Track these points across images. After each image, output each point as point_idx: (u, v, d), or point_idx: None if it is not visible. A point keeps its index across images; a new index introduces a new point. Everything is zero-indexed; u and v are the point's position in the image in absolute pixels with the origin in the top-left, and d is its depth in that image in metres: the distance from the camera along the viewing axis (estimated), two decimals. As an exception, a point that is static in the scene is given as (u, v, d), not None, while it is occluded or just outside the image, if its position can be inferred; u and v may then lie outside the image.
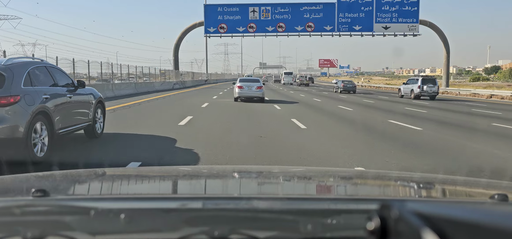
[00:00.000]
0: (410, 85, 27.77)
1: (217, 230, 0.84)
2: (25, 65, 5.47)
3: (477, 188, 1.57)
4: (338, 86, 37.18)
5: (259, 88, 19.62)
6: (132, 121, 11.41)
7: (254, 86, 19.60)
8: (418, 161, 6.54)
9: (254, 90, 19.43)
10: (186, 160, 5.92)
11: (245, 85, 19.62)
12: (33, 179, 1.53)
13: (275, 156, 6.49)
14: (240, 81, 20.38)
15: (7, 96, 4.81)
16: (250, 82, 20.22)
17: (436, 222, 0.62)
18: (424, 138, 9.19)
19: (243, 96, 19.33)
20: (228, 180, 1.69)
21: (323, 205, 1.07)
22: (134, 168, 4.11)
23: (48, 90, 5.71)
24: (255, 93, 19.43)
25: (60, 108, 5.93)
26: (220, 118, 12.40)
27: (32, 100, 5.17)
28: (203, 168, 2.93)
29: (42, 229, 0.83)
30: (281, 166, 5.56)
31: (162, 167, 4.73)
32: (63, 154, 6.03)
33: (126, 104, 16.77)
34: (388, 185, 1.68)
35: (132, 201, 1.10)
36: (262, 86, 19.97)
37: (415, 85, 26.91)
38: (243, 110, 14.95)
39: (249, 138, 8.32)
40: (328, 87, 53.16)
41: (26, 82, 5.23)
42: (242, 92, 19.36)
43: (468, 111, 17.80)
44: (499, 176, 5.57)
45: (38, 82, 5.57)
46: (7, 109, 4.78)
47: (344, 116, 14.53)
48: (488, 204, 0.98)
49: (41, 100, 5.36)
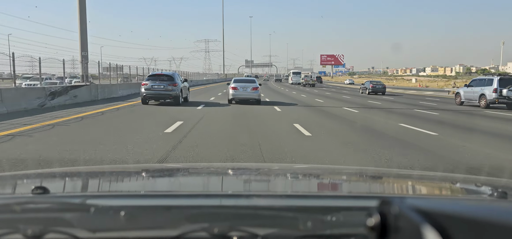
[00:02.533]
0: (478, 89, 19.60)
1: (217, 227, 0.84)
2: (175, 73, 19.48)
3: (477, 185, 1.58)
4: (365, 87, 34.70)
5: (254, 89, 17.94)
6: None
7: (249, 87, 17.91)
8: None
9: (250, 92, 17.79)
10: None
11: (239, 86, 17.92)
12: (33, 176, 1.54)
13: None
14: (234, 82, 18.61)
15: (175, 83, 16.62)
16: (245, 82, 18.47)
17: (436, 218, 0.62)
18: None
19: (237, 99, 17.70)
20: (228, 177, 1.69)
21: (323, 202, 1.07)
22: (134, 165, 4.12)
23: (180, 82, 17.46)
24: (251, 95, 17.77)
25: (182, 87, 17.34)
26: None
27: (179, 84, 16.98)
28: (203, 165, 2.93)
29: (42, 226, 0.84)
30: (280, 163, 5.56)
31: (162, 164, 4.75)
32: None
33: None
34: (388, 182, 1.68)
35: (132, 198, 1.10)
36: (258, 87, 18.28)
37: (488, 88, 18.83)
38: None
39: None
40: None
41: (177, 78, 17.36)
42: (237, 94, 17.73)
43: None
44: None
45: (179, 79, 17.72)
46: (175, 87, 16.50)
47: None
48: (487, 201, 0.99)
49: (180, 84, 17.07)
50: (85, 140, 7.54)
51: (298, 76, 66.86)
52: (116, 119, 11.56)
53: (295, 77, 66.16)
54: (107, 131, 9.13)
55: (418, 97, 30.94)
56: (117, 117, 12.07)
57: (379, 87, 33.33)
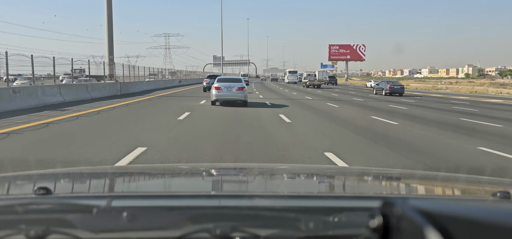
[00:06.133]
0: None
1: (219, 228, 0.84)
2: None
3: (479, 186, 1.57)
4: (380, 88, 32.82)
5: (240, 89, 16.53)
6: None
7: (234, 87, 16.48)
8: None
9: (235, 92, 16.38)
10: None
11: (223, 86, 16.49)
12: (36, 177, 1.54)
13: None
14: (218, 81, 17.13)
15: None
16: (229, 82, 17.01)
17: (439, 219, 0.62)
18: None
19: (221, 100, 16.41)
20: (230, 178, 1.69)
21: (325, 202, 1.07)
22: (137, 166, 4.12)
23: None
24: (236, 95, 16.40)
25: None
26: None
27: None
28: (205, 165, 2.92)
29: (44, 227, 0.84)
30: (283, 164, 5.56)
31: (164, 165, 4.75)
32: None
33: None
34: (390, 183, 1.68)
35: (135, 199, 1.10)
36: (244, 87, 16.91)
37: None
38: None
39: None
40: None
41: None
42: (220, 94, 16.34)
43: None
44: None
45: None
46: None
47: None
48: (490, 202, 0.98)
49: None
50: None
51: (294, 75, 67.52)
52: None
53: (291, 76, 67.01)
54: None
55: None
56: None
57: (397, 88, 31.56)
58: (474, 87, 46.54)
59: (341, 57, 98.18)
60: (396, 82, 33.64)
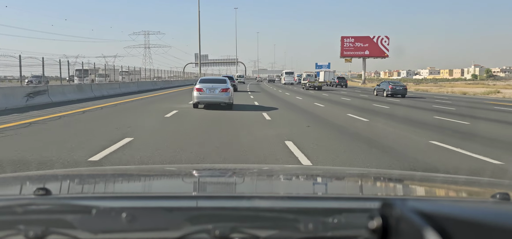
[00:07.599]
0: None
1: (219, 229, 0.84)
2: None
3: (479, 187, 1.57)
4: (381, 89, 31.77)
5: (224, 90, 15.41)
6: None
7: (218, 89, 15.36)
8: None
9: (218, 94, 15.27)
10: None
11: (205, 88, 15.38)
12: (35, 177, 1.54)
13: None
14: (200, 82, 16.04)
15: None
16: (212, 83, 15.87)
17: (438, 221, 0.62)
18: None
19: (203, 102, 15.34)
20: (230, 179, 1.69)
21: (325, 203, 1.07)
22: (136, 167, 4.12)
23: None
24: (219, 97, 15.28)
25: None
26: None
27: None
28: (204, 166, 2.93)
29: (44, 228, 0.84)
30: (282, 165, 5.56)
31: (163, 166, 4.75)
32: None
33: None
34: (390, 184, 1.68)
35: (134, 199, 1.10)
36: (229, 89, 15.73)
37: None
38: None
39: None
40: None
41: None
42: (202, 96, 15.25)
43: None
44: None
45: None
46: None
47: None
48: (489, 203, 0.98)
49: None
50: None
51: (290, 77, 67.51)
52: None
53: (287, 78, 67.16)
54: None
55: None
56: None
57: (399, 89, 30.11)
58: (502, 91, 38.82)
59: (357, 53, 73.18)
60: (398, 83, 32.47)
